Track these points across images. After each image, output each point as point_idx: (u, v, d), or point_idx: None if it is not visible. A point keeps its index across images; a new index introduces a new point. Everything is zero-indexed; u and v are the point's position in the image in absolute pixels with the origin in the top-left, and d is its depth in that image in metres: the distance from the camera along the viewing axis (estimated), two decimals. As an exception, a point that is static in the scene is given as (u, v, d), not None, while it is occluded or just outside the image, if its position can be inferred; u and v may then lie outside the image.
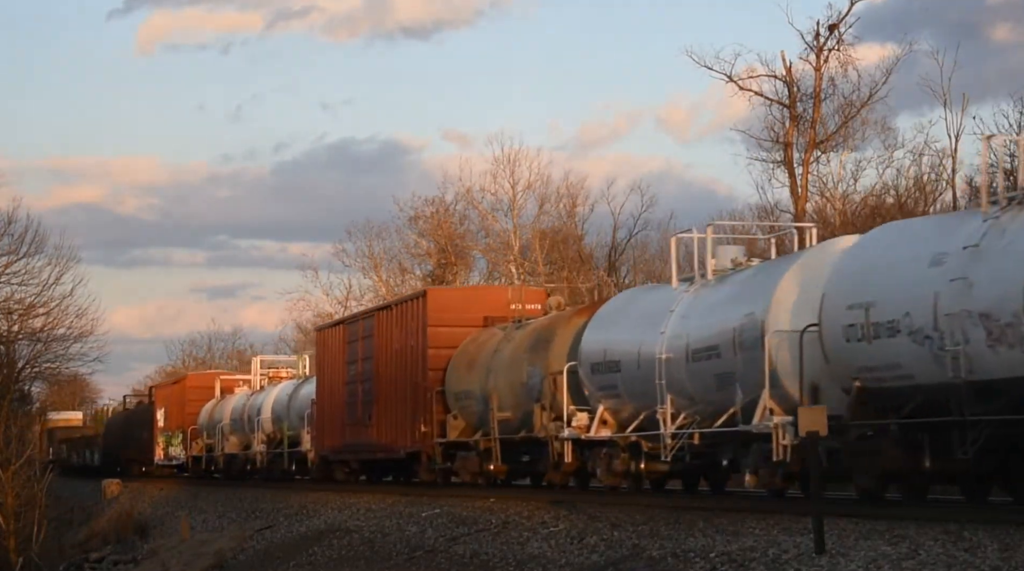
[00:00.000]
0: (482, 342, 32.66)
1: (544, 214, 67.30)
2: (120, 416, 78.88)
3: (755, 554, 17.93)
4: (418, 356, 34.81)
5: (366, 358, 38.56)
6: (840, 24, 49.60)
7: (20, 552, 44.22)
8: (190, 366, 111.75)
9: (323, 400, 42.09)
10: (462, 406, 32.78)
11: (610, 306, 27.86)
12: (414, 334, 35.16)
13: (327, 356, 42.24)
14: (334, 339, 41.95)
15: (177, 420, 60.86)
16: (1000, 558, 15.28)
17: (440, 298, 35.44)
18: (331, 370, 41.58)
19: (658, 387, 23.84)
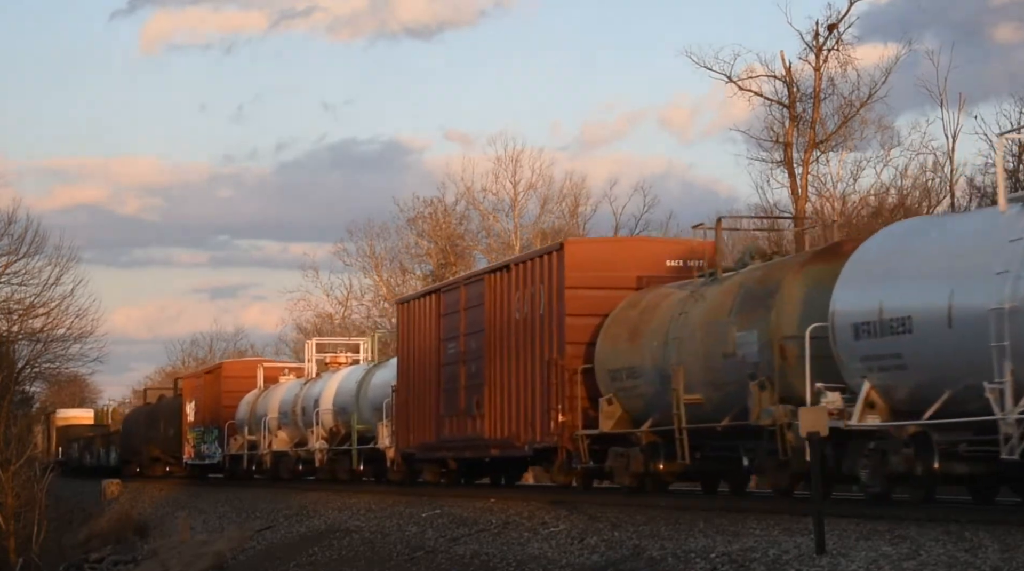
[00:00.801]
0: (650, 305, 25.86)
1: (545, 214, 67.36)
2: (141, 411, 71.43)
3: (755, 554, 17.92)
4: (551, 327, 28.16)
5: (472, 333, 31.93)
6: (839, 24, 49.57)
7: (20, 552, 44.20)
8: (190, 366, 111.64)
9: (408, 387, 35.80)
10: (621, 388, 25.90)
11: (877, 245, 20.55)
12: (546, 299, 28.53)
13: (414, 333, 35.76)
14: (423, 312, 35.20)
15: (210, 414, 54.46)
16: (1001, 558, 15.27)
17: (581, 253, 28.31)
18: (419, 350, 35.19)
19: (995, 352, 17.37)
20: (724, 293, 23.43)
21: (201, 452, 55.25)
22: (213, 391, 54.72)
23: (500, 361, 30.50)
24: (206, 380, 56.73)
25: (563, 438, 27.34)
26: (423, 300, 35.59)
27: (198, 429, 55.99)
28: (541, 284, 28.73)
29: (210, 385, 55.60)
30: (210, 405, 54.72)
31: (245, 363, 56.73)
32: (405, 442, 35.84)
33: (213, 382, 55.23)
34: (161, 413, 64.01)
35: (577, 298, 27.66)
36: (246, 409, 49.91)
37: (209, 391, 55.46)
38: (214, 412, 53.76)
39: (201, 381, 57.68)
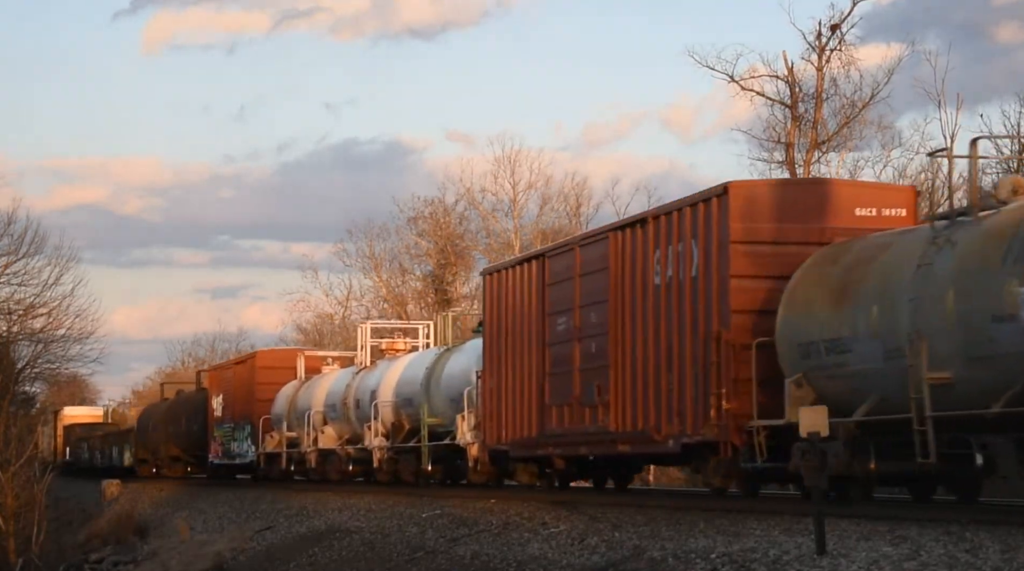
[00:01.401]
0: (860, 258, 20.46)
1: (545, 214, 67.36)
2: (158, 407, 65.67)
3: (756, 555, 17.90)
4: (709, 293, 22.92)
5: (591, 304, 26.60)
6: (842, 24, 49.54)
7: (20, 553, 44.16)
8: (190, 367, 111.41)
9: (499, 373, 30.47)
10: (817, 367, 20.55)
11: None
12: (700, 258, 23.20)
13: (506, 308, 30.32)
14: (520, 283, 29.83)
15: (242, 409, 49.46)
16: (1002, 559, 15.25)
17: (751, 198, 22.83)
18: (515, 329, 29.82)
19: None
20: (988, 237, 18.10)
21: (230, 451, 50.54)
22: (245, 383, 49.79)
23: (631, 337, 25.17)
24: (236, 372, 51.72)
25: (729, 430, 22.14)
26: (519, 269, 30.02)
27: (226, 426, 51.33)
28: (693, 239, 23.32)
29: (241, 377, 50.64)
30: (241, 399, 49.92)
31: (282, 352, 51.51)
32: (494, 437, 30.59)
33: (245, 374, 50.20)
34: (181, 409, 59.76)
35: (746, 255, 22.46)
36: (285, 403, 45.12)
37: (240, 384, 50.52)
38: (246, 407, 48.89)
39: (230, 373, 52.66)
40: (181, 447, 58.49)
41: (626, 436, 25.39)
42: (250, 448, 48.14)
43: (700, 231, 23.18)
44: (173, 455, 59.81)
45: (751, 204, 22.69)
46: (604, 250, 26.14)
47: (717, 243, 22.74)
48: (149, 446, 63.31)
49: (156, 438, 61.86)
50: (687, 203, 23.75)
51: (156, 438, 61.86)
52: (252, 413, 47.73)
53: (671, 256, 24.00)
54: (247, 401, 48.88)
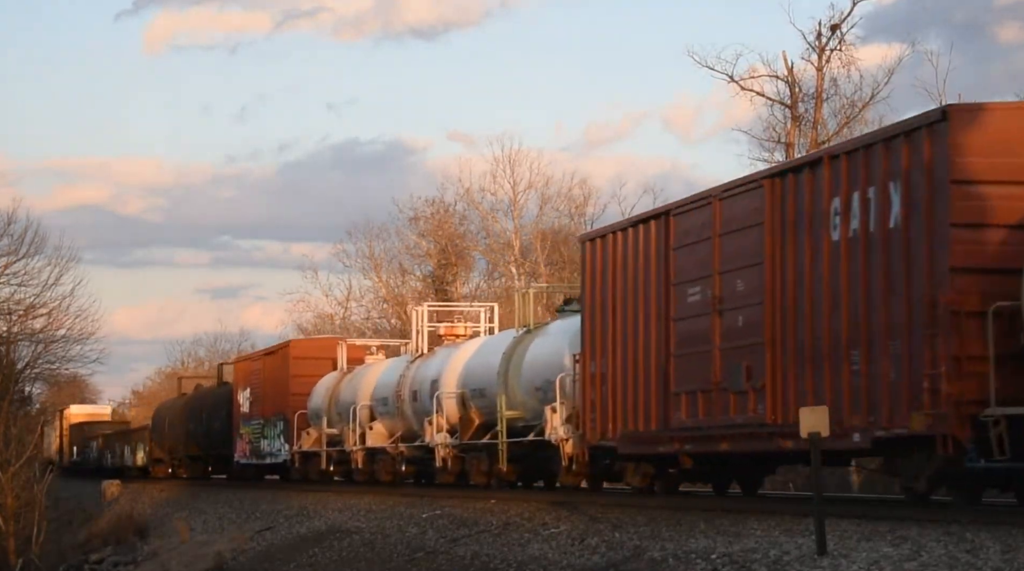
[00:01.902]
0: None
1: (545, 214, 67.34)
2: (175, 404, 61.54)
3: (756, 555, 17.89)
4: (917, 246, 18.67)
5: (737, 269, 22.25)
6: (842, 24, 49.54)
7: (20, 553, 44.15)
8: (189, 368, 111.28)
9: (604, 355, 25.85)
10: None
11: None
12: (902, 205, 18.86)
13: (614, 279, 25.60)
14: (631, 248, 25.12)
15: (273, 404, 45.58)
16: (1002, 559, 15.24)
17: (976, 124, 18.44)
18: (624, 302, 25.24)
19: None
20: None
21: (260, 450, 46.54)
22: (277, 376, 45.62)
23: (796, 307, 20.90)
24: (266, 364, 47.21)
25: (949, 421, 17.86)
26: (632, 232, 25.20)
27: (255, 422, 47.19)
28: (892, 181, 19.09)
29: (272, 369, 46.26)
30: (272, 393, 45.79)
31: (321, 341, 47.20)
32: (597, 432, 25.95)
33: (277, 365, 45.83)
34: (202, 405, 55.76)
35: (971, 198, 18.13)
36: (324, 396, 40.90)
37: (271, 376, 46.34)
38: (278, 401, 44.90)
39: (259, 365, 48.03)
40: (201, 446, 55.13)
41: (788, 429, 20.33)
42: (283, 447, 44.26)
43: (902, 170, 18.85)
44: (192, 454, 56.59)
45: (979, 133, 18.32)
46: (757, 202, 21.75)
47: (930, 184, 18.40)
48: (165, 445, 60.30)
49: (173, 436, 58.67)
50: (882, 137, 19.52)
51: (173, 436, 58.67)
52: (286, 408, 43.87)
53: (857, 204, 19.66)
54: (279, 395, 44.90)
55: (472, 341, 34.73)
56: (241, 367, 51.35)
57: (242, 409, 48.90)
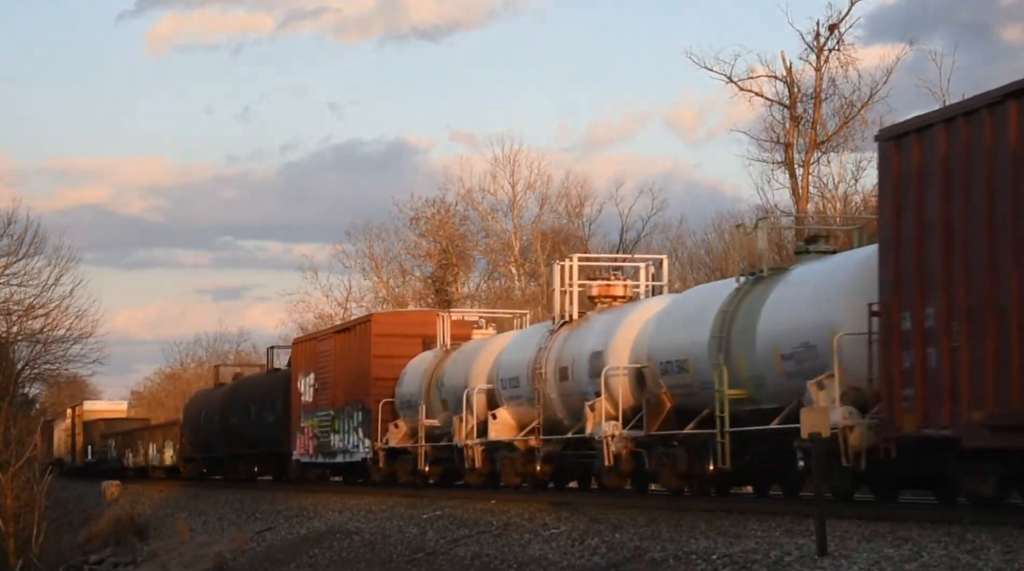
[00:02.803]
0: None
1: (545, 215, 67.36)
2: (212, 394, 54.50)
3: (757, 556, 17.88)
4: None
5: None
6: (840, 24, 49.59)
7: (19, 554, 44.19)
8: (189, 368, 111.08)
9: (934, 301, 17.88)
10: None
11: None
12: None
13: (948, 191, 17.82)
14: (973, 148, 17.39)
15: (347, 391, 38.92)
16: (1003, 560, 15.23)
17: None
18: (970, 224, 17.46)
19: None
20: None
21: (329, 446, 39.93)
22: (353, 357, 38.87)
23: None
24: (339, 344, 40.31)
25: None
26: (970, 122, 17.50)
27: (322, 413, 40.62)
28: None
29: (347, 349, 39.55)
30: (348, 378, 39.17)
31: (411, 316, 40.97)
32: (918, 417, 18.15)
33: (354, 345, 39.04)
34: (248, 394, 49.01)
35: None
36: (421, 380, 34.39)
37: (345, 358, 39.60)
38: (355, 388, 38.34)
39: (328, 345, 41.24)
40: (247, 442, 48.32)
41: None
42: (361, 442, 37.55)
43: None
44: (235, 452, 49.84)
45: None
46: None
47: None
48: (199, 442, 53.82)
49: (209, 432, 51.88)
50: None
51: (209, 432, 51.88)
52: (366, 396, 37.26)
53: None
54: (357, 380, 38.26)
55: (650, 301, 27.36)
56: (303, 349, 43.81)
57: (304, 398, 42.21)
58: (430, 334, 35.94)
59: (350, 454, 38.53)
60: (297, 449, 42.79)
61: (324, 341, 42.18)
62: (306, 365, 42.87)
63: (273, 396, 45.88)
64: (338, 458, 39.60)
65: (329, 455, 40.30)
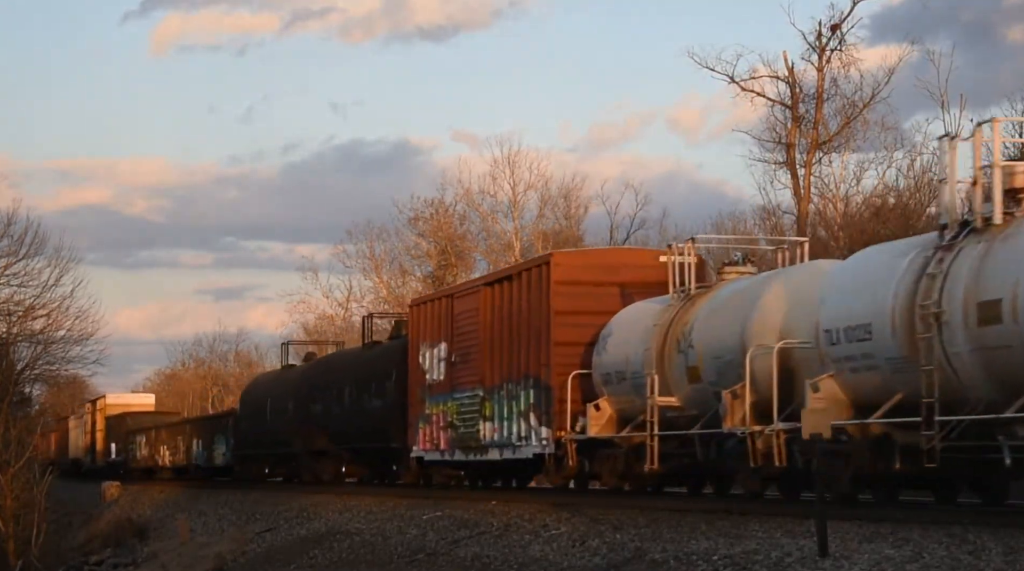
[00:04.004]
0: None
1: (545, 216, 67.33)
2: (286, 377, 45.16)
3: (758, 557, 17.85)
4: None
5: None
6: (842, 24, 49.56)
7: (19, 555, 44.16)
8: (189, 368, 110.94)
9: None
10: None
11: None
12: None
13: None
14: None
15: (504, 362, 29.72)
16: (1004, 561, 15.20)
17: None
18: None
19: None
20: None
21: (477, 438, 30.69)
22: (519, 316, 29.22)
23: None
24: (491, 299, 30.49)
25: None
26: None
27: (461, 395, 31.49)
28: None
29: (506, 306, 29.81)
30: (505, 345, 29.72)
31: (610, 254, 31.19)
32: None
33: (519, 298, 29.27)
34: (338, 375, 39.41)
35: None
36: (643, 341, 24.88)
37: (502, 318, 29.94)
38: (520, 357, 29.00)
39: (473, 303, 31.31)
40: (338, 436, 39.09)
41: None
42: (533, 431, 28.46)
43: None
44: (317, 448, 40.68)
45: None
46: None
47: None
48: (263, 437, 45.30)
49: (280, 424, 43.13)
50: None
51: (280, 424, 43.13)
52: (542, 368, 28.13)
53: None
54: (526, 347, 28.77)
55: None
56: (428, 312, 33.57)
57: (429, 377, 33.14)
58: (633, 281, 27.71)
59: (513, 448, 29.30)
60: (420, 442, 33.73)
61: (466, 297, 32.09)
62: (432, 333, 33.22)
63: (378, 376, 36.27)
64: (490, 454, 30.46)
65: (474, 450, 31.21)
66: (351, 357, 41.12)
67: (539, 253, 59.64)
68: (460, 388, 32.00)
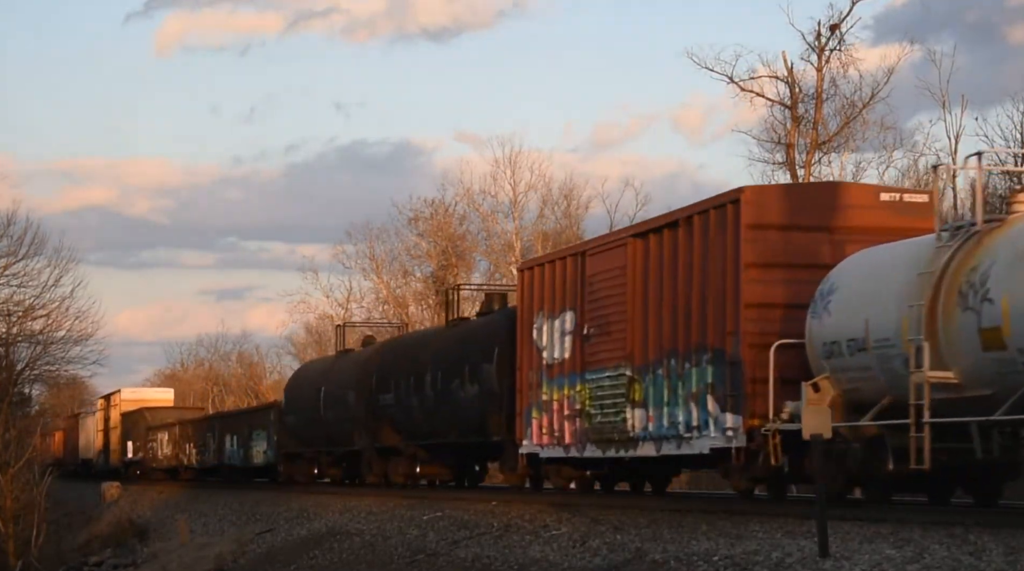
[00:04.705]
0: None
1: (545, 216, 67.30)
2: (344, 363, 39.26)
3: (759, 557, 17.84)
4: None
5: None
6: (841, 24, 49.51)
7: (19, 555, 44.16)
8: (189, 368, 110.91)
9: None
10: None
11: None
12: None
13: None
14: None
15: (665, 332, 23.85)
16: (1005, 562, 15.19)
17: None
18: None
19: None
20: None
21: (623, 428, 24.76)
22: (688, 271, 23.32)
23: None
24: (644, 253, 24.65)
25: None
26: None
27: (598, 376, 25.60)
28: None
29: (667, 260, 23.98)
30: (666, 309, 23.82)
31: (826, 190, 23.90)
32: None
33: (687, 249, 23.44)
34: (416, 358, 34.02)
35: None
36: (893, 297, 19.12)
37: (662, 275, 24.12)
38: (691, 324, 23.09)
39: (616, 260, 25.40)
40: (416, 430, 33.94)
41: None
42: (712, 418, 22.43)
43: None
44: (388, 444, 35.53)
45: None
46: None
47: None
48: (316, 432, 40.30)
49: (336, 417, 38.14)
50: None
51: (336, 417, 38.14)
52: (726, 338, 22.22)
53: None
54: (702, 310, 22.86)
55: None
56: (549, 275, 27.84)
57: (548, 355, 27.45)
58: (849, 225, 22.26)
59: (679, 441, 23.38)
60: (531, 437, 28.21)
61: (604, 254, 26.01)
62: (553, 301, 27.54)
63: (473, 357, 31.03)
64: (642, 448, 24.52)
65: (618, 444, 25.28)
66: (434, 338, 34.80)
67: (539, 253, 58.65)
68: (595, 367, 25.93)
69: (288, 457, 43.78)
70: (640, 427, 24.55)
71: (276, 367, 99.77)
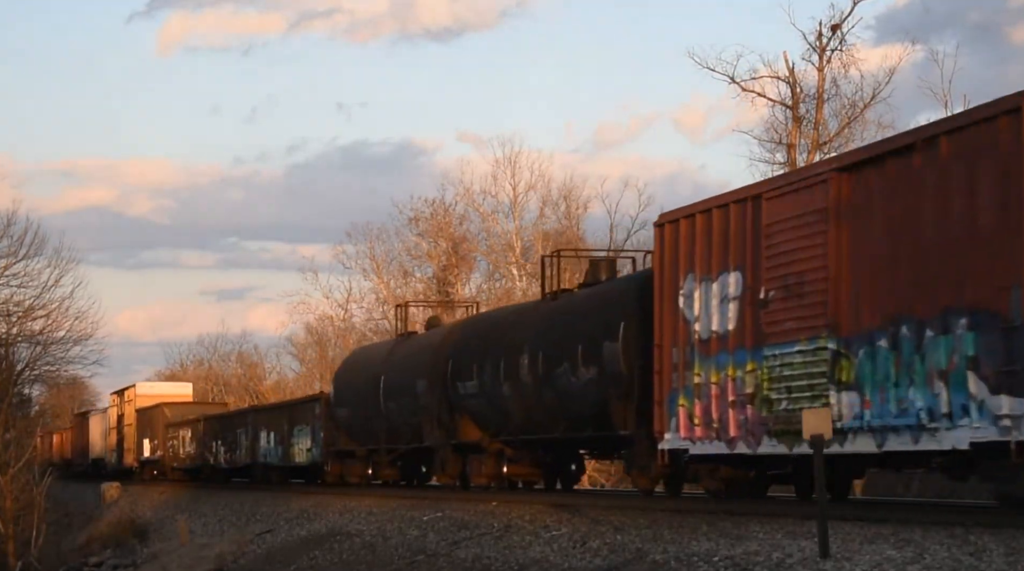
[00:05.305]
0: None
1: (545, 216, 67.30)
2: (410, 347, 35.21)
3: (759, 558, 17.82)
4: None
5: None
6: (842, 24, 49.52)
7: (19, 556, 44.15)
8: (189, 368, 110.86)
9: None
10: None
11: None
12: None
13: None
14: None
15: (880, 300, 18.61)
16: (1006, 562, 15.18)
17: None
18: None
19: None
20: None
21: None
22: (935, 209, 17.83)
23: None
24: (843, 189, 19.54)
25: None
26: None
27: (778, 351, 20.65)
28: None
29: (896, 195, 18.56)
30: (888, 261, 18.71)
31: None
32: None
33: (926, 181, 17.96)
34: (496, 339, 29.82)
35: None
36: None
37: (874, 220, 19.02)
38: (931, 280, 17.81)
39: (806, 202, 20.21)
40: (509, 423, 29.55)
41: None
42: (974, 405, 17.12)
43: None
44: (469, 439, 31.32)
45: None
46: None
47: None
48: (376, 427, 36.04)
49: (404, 410, 34.12)
50: None
51: (404, 410, 34.12)
52: (991, 294, 16.92)
53: None
54: (956, 261, 17.58)
55: None
56: (703, 226, 22.65)
57: (701, 326, 22.54)
58: None
59: (918, 434, 18.11)
60: (677, 429, 23.16)
61: (792, 196, 20.77)
62: (709, 260, 22.50)
63: (590, 335, 25.97)
64: (857, 443, 19.21)
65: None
66: (531, 314, 29.61)
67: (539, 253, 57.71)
68: (778, 340, 20.74)
69: (338, 455, 39.62)
70: (850, 415, 19.22)
71: (276, 367, 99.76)
